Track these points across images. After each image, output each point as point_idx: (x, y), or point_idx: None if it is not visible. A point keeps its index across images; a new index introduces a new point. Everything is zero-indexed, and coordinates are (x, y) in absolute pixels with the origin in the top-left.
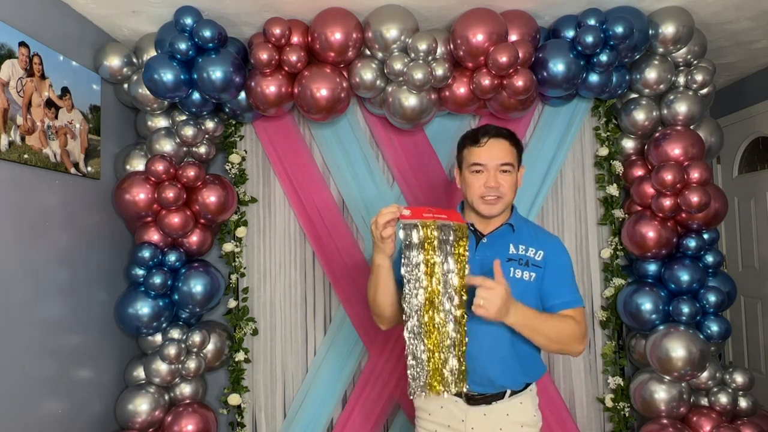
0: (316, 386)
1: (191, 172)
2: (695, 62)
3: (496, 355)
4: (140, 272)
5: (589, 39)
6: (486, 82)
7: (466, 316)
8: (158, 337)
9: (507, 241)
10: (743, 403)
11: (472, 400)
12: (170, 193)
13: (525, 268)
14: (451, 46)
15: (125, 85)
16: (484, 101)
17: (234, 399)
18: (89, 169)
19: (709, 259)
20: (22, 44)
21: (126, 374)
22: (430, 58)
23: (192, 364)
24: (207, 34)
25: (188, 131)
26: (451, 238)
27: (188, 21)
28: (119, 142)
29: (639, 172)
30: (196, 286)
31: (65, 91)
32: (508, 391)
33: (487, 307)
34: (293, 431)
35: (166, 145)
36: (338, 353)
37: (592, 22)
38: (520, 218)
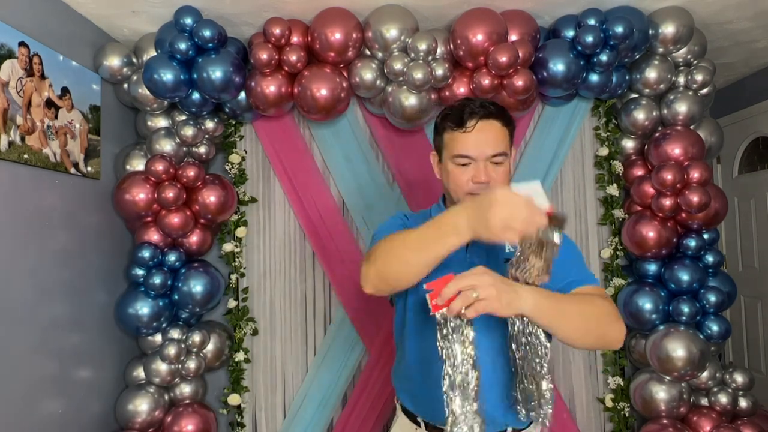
0: (316, 386)
1: (191, 172)
2: (695, 62)
3: (498, 386)
4: (140, 272)
5: (589, 39)
6: (486, 82)
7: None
8: (158, 337)
9: None
10: (743, 403)
11: None
12: (170, 193)
13: None
14: (451, 46)
15: (125, 85)
16: None
17: (234, 399)
18: (89, 169)
19: (709, 259)
20: (21, 44)
21: (126, 374)
22: (430, 58)
23: (192, 364)
24: (207, 34)
25: (188, 131)
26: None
27: (188, 21)
28: (119, 142)
29: (639, 172)
30: (196, 286)
31: (65, 91)
32: (510, 429)
33: (487, 294)
34: (293, 431)
35: (166, 145)
36: (338, 353)
37: (592, 22)
38: None
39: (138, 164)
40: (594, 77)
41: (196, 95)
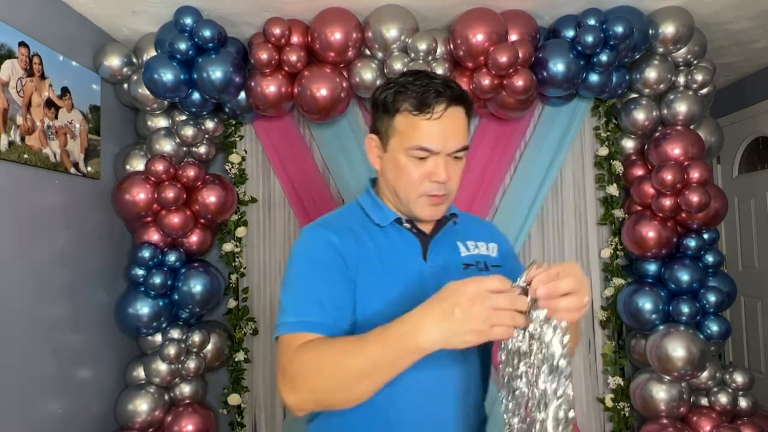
0: None
1: (191, 172)
2: (695, 62)
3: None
4: (140, 272)
5: (589, 39)
6: (486, 82)
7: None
8: (158, 337)
9: (453, 240)
10: (743, 403)
11: None
12: (170, 193)
13: (486, 274)
14: (451, 46)
15: (125, 85)
16: (484, 101)
17: (234, 399)
18: (89, 169)
19: (709, 259)
20: (21, 44)
21: (126, 374)
22: (430, 58)
23: (192, 364)
24: (207, 34)
25: (188, 131)
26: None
27: (188, 21)
28: (119, 142)
29: (639, 172)
30: (196, 286)
31: (65, 91)
32: None
33: (585, 294)
34: (293, 431)
35: (166, 145)
36: None
37: (592, 22)
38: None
39: (138, 164)
40: (594, 77)
41: (196, 95)
